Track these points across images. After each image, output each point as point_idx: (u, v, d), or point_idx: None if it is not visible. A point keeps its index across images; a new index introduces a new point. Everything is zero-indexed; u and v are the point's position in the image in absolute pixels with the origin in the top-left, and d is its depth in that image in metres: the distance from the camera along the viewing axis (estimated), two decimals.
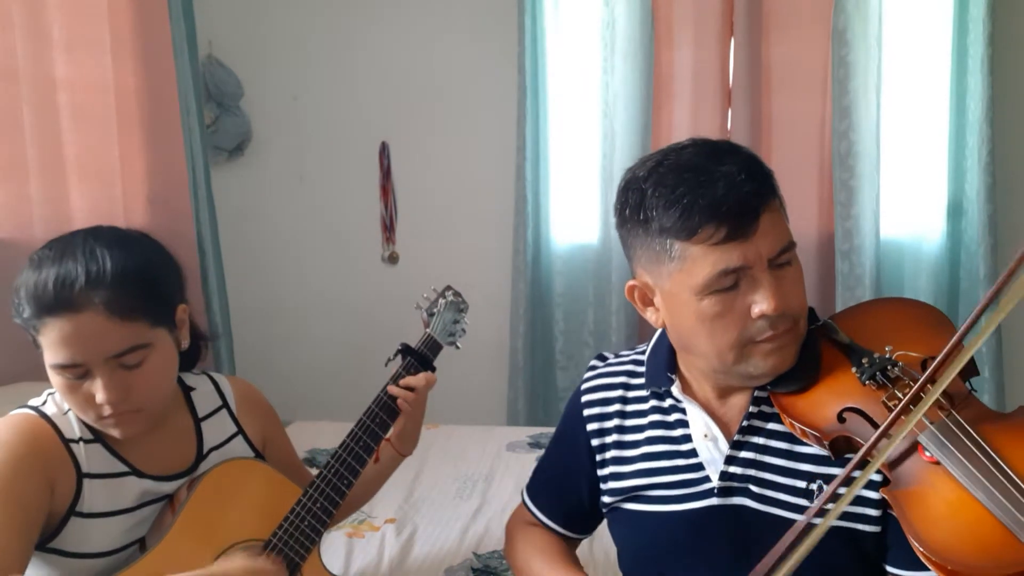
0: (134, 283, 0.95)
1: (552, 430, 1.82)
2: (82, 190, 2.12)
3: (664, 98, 2.56)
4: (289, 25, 2.82)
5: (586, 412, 1.03)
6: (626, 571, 1.04)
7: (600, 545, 1.57)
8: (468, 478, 1.90)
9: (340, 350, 2.90)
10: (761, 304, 0.83)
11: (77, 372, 0.94)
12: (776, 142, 2.53)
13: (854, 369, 0.87)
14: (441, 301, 1.40)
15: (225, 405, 1.16)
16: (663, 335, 0.99)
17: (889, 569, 0.86)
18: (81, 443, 1.00)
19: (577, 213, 2.70)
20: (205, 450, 1.11)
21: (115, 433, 0.99)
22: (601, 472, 1.02)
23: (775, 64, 2.49)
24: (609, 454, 1.00)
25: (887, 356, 0.86)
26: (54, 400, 1.02)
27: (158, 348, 0.98)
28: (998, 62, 2.36)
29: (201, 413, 1.13)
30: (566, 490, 1.08)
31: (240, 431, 1.16)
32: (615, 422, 1.01)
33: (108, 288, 0.92)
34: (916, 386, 0.77)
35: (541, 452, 1.15)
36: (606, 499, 1.02)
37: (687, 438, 0.94)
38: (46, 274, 0.93)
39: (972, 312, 0.77)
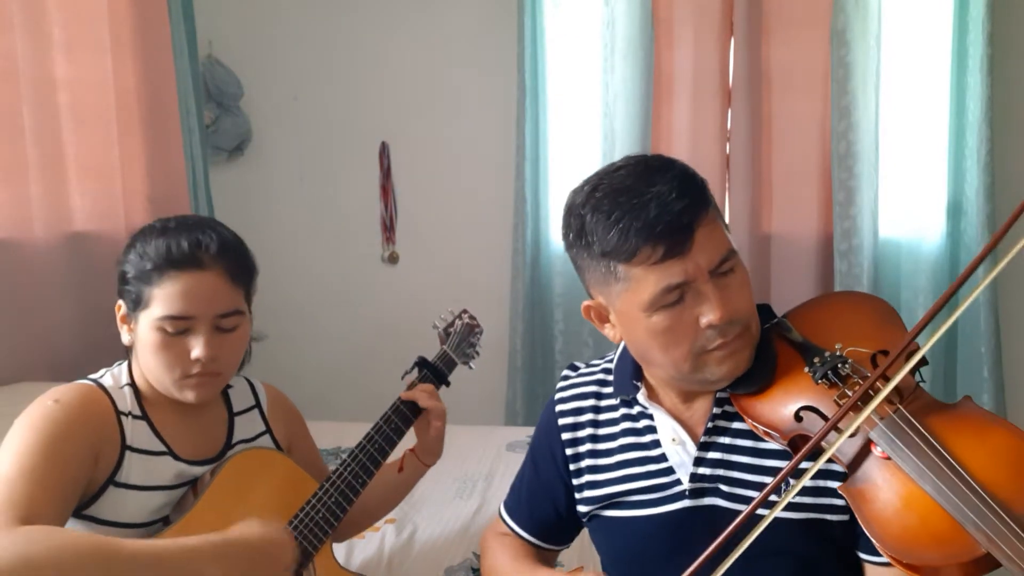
0: (245, 257, 1.12)
1: None
2: (82, 190, 2.12)
3: (664, 98, 2.56)
4: (289, 25, 2.82)
5: (560, 422, 1.05)
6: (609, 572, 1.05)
7: None
8: (468, 478, 1.90)
9: (339, 350, 2.90)
10: (708, 315, 0.86)
11: (182, 326, 1.04)
12: (776, 142, 2.53)
13: (807, 368, 0.89)
14: (458, 322, 1.45)
15: (257, 405, 1.24)
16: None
17: (861, 556, 0.88)
18: (130, 417, 1.08)
19: None
20: (234, 441, 1.18)
21: (191, 396, 1.08)
22: (576, 481, 1.03)
23: (775, 64, 2.49)
24: (584, 463, 1.02)
25: (837, 354, 0.88)
26: (112, 375, 1.11)
27: (246, 319, 1.12)
28: (998, 62, 2.36)
29: (236, 409, 1.21)
30: (541, 500, 1.09)
31: (268, 430, 1.23)
32: (589, 431, 1.02)
33: (231, 256, 1.08)
34: (860, 389, 0.80)
35: (506, 495, 1.18)
36: (583, 508, 1.03)
37: (656, 443, 0.96)
38: (178, 237, 1.06)
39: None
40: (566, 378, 1.09)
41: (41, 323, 1.98)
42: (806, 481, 0.80)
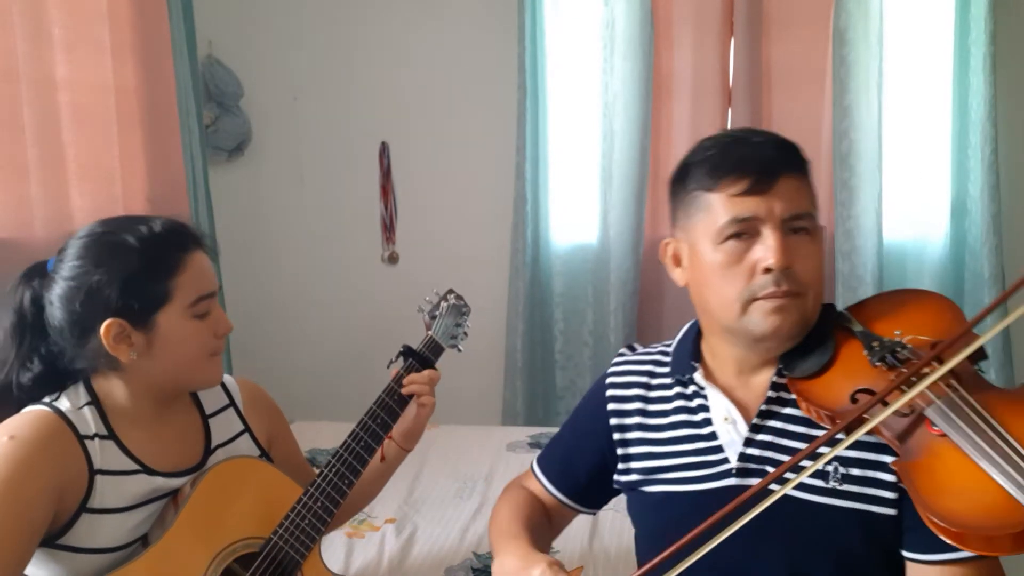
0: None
1: (552, 430, 1.82)
2: (82, 190, 2.12)
3: (664, 98, 2.55)
4: (289, 25, 2.82)
5: (608, 393, 1.08)
6: (642, 552, 1.06)
7: (600, 544, 1.57)
8: (468, 478, 1.89)
9: (340, 350, 2.90)
10: (767, 259, 0.89)
11: (209, 306, 1.04)
12: None
13: (865, 352, 0.91)
14: (443, 304, 1.41)
15: (232, 404, 1.19)
16: (689, 329, 1.05)
17: (905, 554, 0.88)
18: (96, 439, 1.01)
19: (576, 213, 2.70)
20: (212, 446, 1.13)
21: (217, 374, 1.08)
22: (621, 451, 1.05)
23: (775, 64, 2.49)
24: (632, 435, 1.04)
25: (897, 339, 0.91)
26: (67, 398, 1.02)
27: None
28: (1000, 60, 2.35)
29: (208, 410, 1.16)
30: (575, 461, 1.11)
31: (247, 429, 1.18)
32: (637, 405, 1.05)
33: (201, 234, 1.07)
34: (916, 366, 0.83)
35: (540, 452, 1.18)
36: (629, 477, 1.04)
37: (708, 422, 0.98)
38: (162, 223, 1.03)
39: (987, 302, 0.81)
40: (622, 355, 1.13)
41: None
42: (841, 449, 0.82)
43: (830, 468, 0.89)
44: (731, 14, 2.49)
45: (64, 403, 1.01)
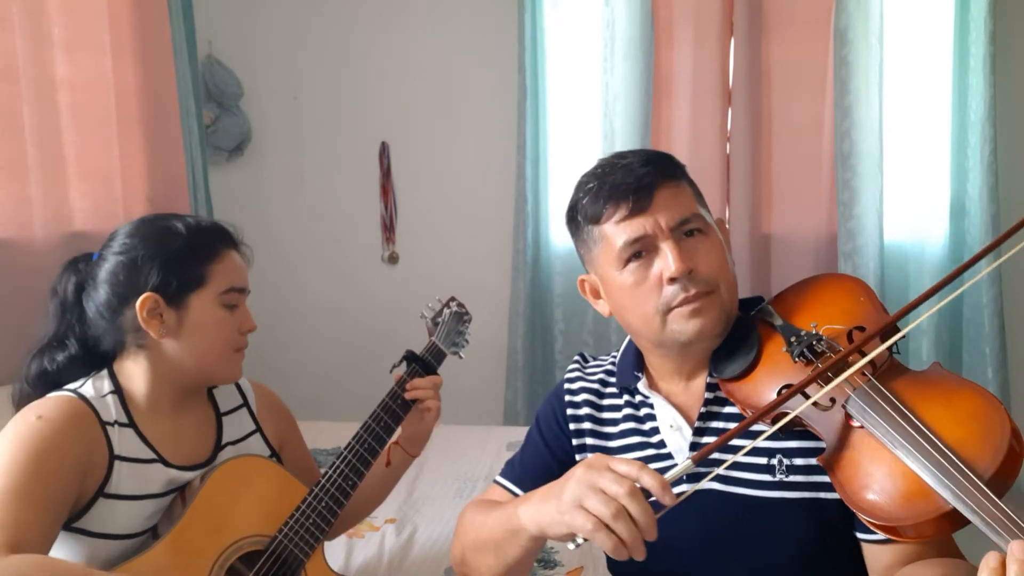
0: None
1: None
2: (82, 190, 2.12)
3: (664, 98, 2.56)
4: (289, 25, 2.82)
5: (567, 398, 1.10)
6: (611, 566, 1.06)
7: None
8: (468, 478, 1.90)
9: (339, 350, 2.90)
10: (667, 269, 0.92)
11: (240, 299, 1.10)
12: (776, 142, 2.53)
13: (784, 348, 0.93)
14: (446, 311, 1.42)
15: (245, 404, 1.22)
16: (632, 340, 1.06)
17: (857, 535, 0.89)
18: (116, 426, 1.05)
19: None
20: (223, 443, 1.16)
21: (237, 370, 1.13)
22: (579, 457, 1.06)
23: (775, 64, 2.49)
24: (588, 440, 1.06)
25: (813, 332, 0.92)
26: (92, 385, 1.07)
27: None
28: (1000, 61, 2.36)
29: (223, 408, 1.19)
30: (545, 462, 1.09)
31: (258, 430, 1.21)
32: (587, 411, 1.07)
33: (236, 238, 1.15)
34: (831, 361, 0.84)
35: (502, 469, 1.17)
36: None
37: (656, 430, 1.00)
38: (209, 220, 1.12)
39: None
40: (576, 363, 1.15)
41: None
42: (762, 440, 0.83)
43: (775, 462, 0.90)
44: (731, 14, 2.50)
45: (88, 390, 1.06)
